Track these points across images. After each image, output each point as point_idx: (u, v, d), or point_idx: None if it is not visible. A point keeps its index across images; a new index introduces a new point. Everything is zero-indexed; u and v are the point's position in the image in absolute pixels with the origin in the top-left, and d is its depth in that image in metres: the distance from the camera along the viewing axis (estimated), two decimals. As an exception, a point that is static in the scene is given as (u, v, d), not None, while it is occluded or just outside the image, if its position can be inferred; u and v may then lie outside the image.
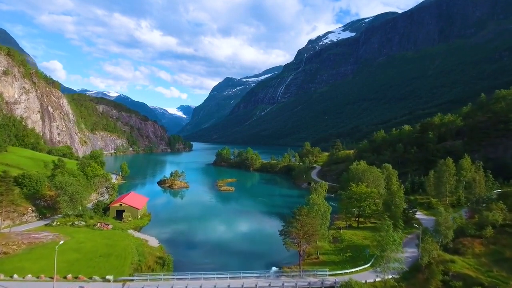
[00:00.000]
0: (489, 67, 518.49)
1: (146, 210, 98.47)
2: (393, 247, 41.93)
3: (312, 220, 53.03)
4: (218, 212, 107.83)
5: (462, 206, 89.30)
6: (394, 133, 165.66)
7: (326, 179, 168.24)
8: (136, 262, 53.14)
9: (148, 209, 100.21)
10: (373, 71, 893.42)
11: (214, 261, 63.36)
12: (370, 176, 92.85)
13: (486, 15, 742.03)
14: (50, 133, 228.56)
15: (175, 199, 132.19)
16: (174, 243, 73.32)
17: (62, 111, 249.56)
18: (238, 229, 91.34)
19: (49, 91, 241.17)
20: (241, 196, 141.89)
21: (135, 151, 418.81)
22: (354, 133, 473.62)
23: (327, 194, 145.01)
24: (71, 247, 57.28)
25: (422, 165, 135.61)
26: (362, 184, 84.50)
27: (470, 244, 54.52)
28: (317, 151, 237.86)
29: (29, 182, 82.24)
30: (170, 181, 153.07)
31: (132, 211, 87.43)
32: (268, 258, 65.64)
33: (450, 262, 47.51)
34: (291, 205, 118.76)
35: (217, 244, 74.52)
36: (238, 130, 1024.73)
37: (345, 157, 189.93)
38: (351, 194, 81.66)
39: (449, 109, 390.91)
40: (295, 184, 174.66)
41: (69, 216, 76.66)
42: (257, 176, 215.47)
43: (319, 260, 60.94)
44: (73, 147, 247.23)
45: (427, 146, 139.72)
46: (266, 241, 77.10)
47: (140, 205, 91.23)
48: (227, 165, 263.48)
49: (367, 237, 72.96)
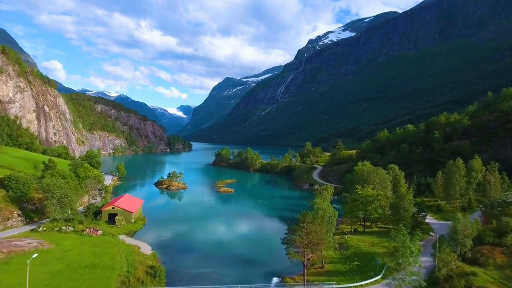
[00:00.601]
0: (490, 67, 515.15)
1: (141, 213, 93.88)
2: (410, 260, 37.30)
3: (317, 227, 48.37)
4: (216, 215, 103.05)
5: (473, 209, 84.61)
6: (398, 132, 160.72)
7: (328, 180, 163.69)
8: (124, 273, 48.44)
9: (143, 211, 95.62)
10: (373, 71, 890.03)
11: (211, 270, 58.70)
12: (376, 177, 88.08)
13: (487, 15, 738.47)
14: (46, 133, 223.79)
15: (172, 201, 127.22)
16: (168, 249, 68.66)
17: (58, 111, 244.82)
18: (237, 234, 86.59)
19: (45, 90, 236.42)
20: (240, 197, 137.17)
21: (134, 151, 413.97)
22: (355, 133, 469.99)
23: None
24: (54, 256, 52.61)
25: (428, 165, 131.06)
26: (368, 186, 79.72)
27: (490, 253, 49.84)
28: (318, 151, 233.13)
29: (15, 184, 77.57)
30: (168, 182, 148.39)
31: (125, 215, 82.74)
32: (269, 267, 60.94)
33: (471, 275, 42.88)
34: (293, 207, 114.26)
35: (214, 250, 69.86)
36: (238, 130, 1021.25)
37: (347, 158, 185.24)
38: (356, 196, 76.94)
39: (451, 108, 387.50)
40: (296, 185, 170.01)
41: (57, 221, 71.91)
42: (257, 176, 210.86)
43: (324, 269, 56.26)
44: (69, 147, 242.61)
45: (433, 146, 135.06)
46: (267, 248, 72.34)
47: (134, 208, 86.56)
48: (227, 165, 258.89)
49: (374, 243, 68.36)
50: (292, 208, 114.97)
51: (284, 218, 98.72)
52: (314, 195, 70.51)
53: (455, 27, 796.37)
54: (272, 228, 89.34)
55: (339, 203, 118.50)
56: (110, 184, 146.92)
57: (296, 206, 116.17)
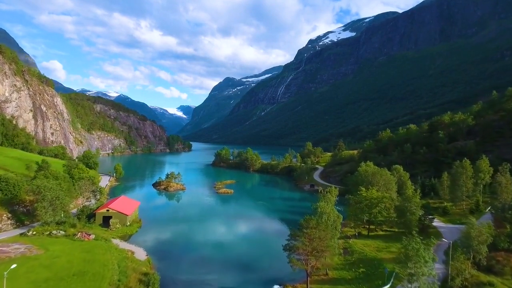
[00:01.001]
0: (491, 67, 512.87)
1: (137, 215, 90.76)
2: (425, 270, 34.22)
3: (321, 233, 45.27)
4: (215, 218, 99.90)
5: (481, 212, 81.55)
6: (401, 132, 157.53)
7: (329, 181, 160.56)
8: (115, 282, 45.31)
9: (140, 214, 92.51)
10: (373, 71, 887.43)
11: (209, 276, 55.61)
12: (381, 179, 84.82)
13: (487, 15, 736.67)
14: (43, 133, 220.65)
15: (169, 202, 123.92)
16: (164, 254, 65.55)
17: (56, 110, 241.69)
18: (237, 237, 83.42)
19: (42, 89, 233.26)
20: (240, 199, 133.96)
21: (133, 151, 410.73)
22: (355, 133, 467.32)
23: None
24: (42, 263, 49.44)
25: (432, 166, 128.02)
26: (372, 188, 76.54)
27: (506, 260, 46.75)
28: (319, 151, 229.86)
29: (5, 186, 74.40)
30: (166, 183, 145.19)
31: (121, 218, 79.57)
32: (270, 273, 57.80)
33: (488, 286, 39.81)
34: (294, 209, 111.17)
35: (212, 255, 66.76)
36: (238, 130, 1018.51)
37: (349, 158, 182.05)
38: (360, 198, 73.76)
39: (452, 108, 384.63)
40: (297, 186, 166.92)
41: (48, 224, 68.81)
42: (257, 177, 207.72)
43: (328, 277, 53.09)
44: (67, 147, 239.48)
45: (437, 147, 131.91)
46: (268, 252, 69.19)
47: (129, 211, 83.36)
48: (226, 165, 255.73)
49: (380, 248, 65.22)
50: (293, 210, 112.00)
51: (285, 220, 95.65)
52: (317, 197, 67.33)
53: (456, 27, 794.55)
54: (273, 232, 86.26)
55: (341, 205, 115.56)
56: (107, 185, 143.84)
57: (298, 208, 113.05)
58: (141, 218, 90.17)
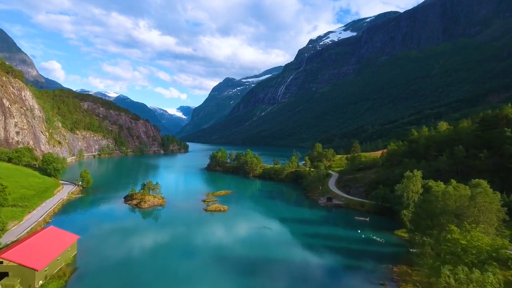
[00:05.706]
0: (498, 66, 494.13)
1: (73, 257, 57.25)
2: None
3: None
4: (194, 262, 65.19)
5: None
6: (445, 130, 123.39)
7: (350, 192, 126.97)
8: None
9: (84, 253, 59.12)
10: (375, 70, 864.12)
11: None
12: (477, 208, 49.81)
13: (491, 13, 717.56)
14: (6, 132, 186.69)
15: (137, 228, 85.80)
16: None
17: (23, 106, 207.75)
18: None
19: (6, 80, 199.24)
20: (236, 220, 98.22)
21: (122, 152, 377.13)
22: (359, 133, 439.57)
23: (357, 218, 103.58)
24: None
25: (496, 175, 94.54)
26: (470, 226, 42.67)
27: None
28: (331, 153, 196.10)
29: None
30: (140, 196, 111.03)
31: (25, 274, 45.81)
32: None
33: None
34: (315, 241, 75.11)
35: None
36: (238, 130, 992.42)
37: (371, 163, 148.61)
38: (450, 248, 40.04)
39: (460, 108, 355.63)
40: (308, 197, 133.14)
41: None
42: (258, 184, 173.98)
43: None
44: (37, 148, 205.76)
45: (502, 149, 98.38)
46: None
47: (45, 259, 49.48)
48: (223, 170, 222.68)
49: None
50: (314, 243, 77.66)
51: (306, 264, 61.97)
52: (348, 220, 33.31)
53: (459, 26, 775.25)
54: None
55: (378, 231, 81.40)
56: (63, 198, 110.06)
57: (321, 240, 79.11)
58: (79, 265, 56.47)
